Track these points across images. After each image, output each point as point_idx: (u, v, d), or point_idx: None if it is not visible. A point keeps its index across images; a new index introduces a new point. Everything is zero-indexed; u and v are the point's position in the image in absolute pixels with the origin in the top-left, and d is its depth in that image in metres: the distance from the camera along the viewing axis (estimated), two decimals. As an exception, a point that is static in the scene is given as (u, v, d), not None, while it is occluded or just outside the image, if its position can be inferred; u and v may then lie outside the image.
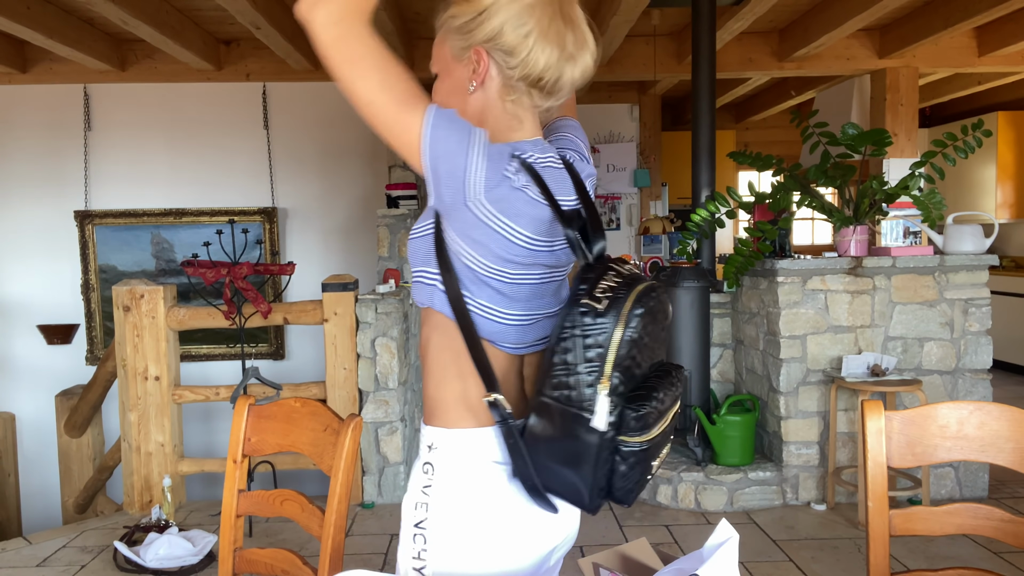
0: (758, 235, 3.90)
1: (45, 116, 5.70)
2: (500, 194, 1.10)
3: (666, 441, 1.15)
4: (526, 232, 1.12)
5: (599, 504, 1.13)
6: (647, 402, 1.07)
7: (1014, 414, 1.39)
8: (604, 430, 1.06)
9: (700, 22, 4.45)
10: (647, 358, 1.09)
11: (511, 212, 1.11)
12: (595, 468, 1.08)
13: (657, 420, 1.09)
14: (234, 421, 1.65)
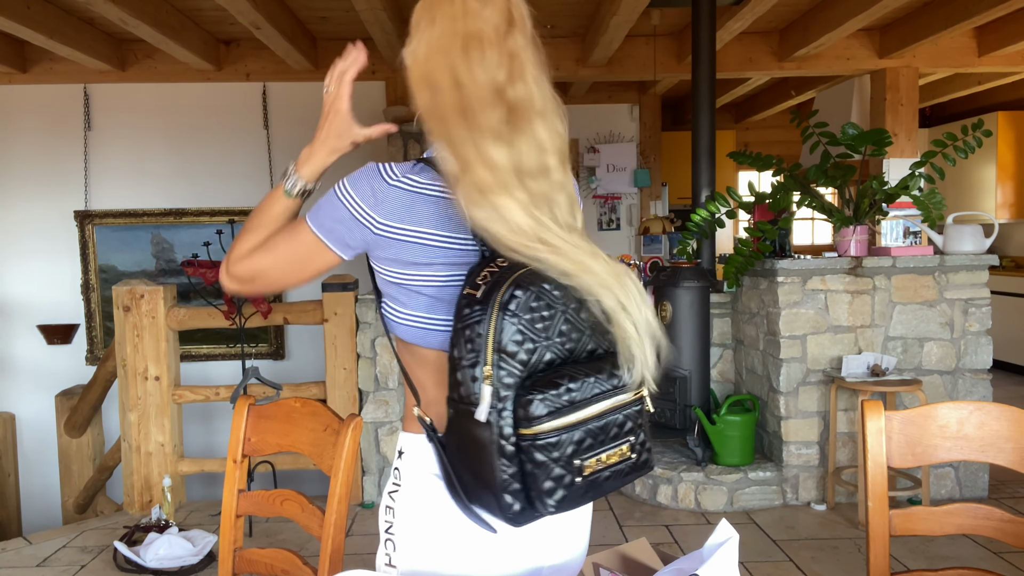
0: (758, 235, 3.90)
1: (45, 116, 5.70)
2: (393, 205, 1.14)
3: (604, 439, 1.06)
4: (434, 231, 1.14)
5: (520, 514, 1.04)
6: (545, 390, 1.01)
7: (1014, 414, 1.39)
8: (484, 420, 1.00)
9: (700, 22, 4.45)
10: (547, 344, 1.04)
11: (413, 218, 1.13)
12: (496, 468, 1.01)
13: (566, 412, 1.02)
14: (234, 421, 1.65)
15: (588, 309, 1.08)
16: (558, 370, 1.04)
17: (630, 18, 4.61)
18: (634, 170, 7.29)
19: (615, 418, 1.07)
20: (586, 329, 1.08)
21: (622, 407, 1.08)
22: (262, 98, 5.78)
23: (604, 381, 1.06)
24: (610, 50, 5.32)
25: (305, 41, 5.34)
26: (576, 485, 1.03)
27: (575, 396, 1.03)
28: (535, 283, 1.04)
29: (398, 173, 1.17)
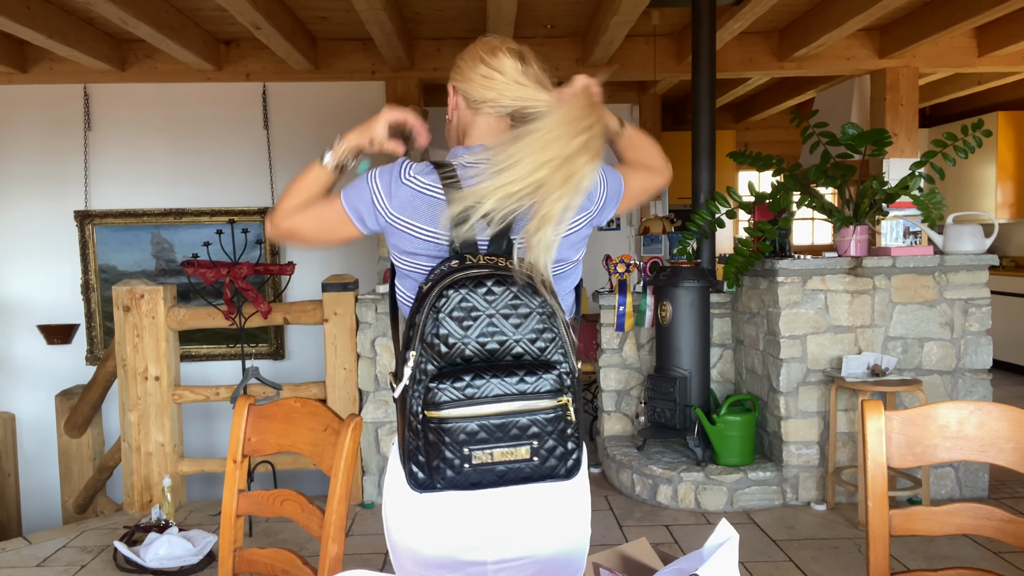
0: (758, 235, 3.90)
1: (45, 116, 5.70)
2: (402, 199, 1.31)
3: (500, 436, 1.16)
4: (427, 227, 1.30)
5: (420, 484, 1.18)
6: (449, 381, 1.14)
7: (1014, 414, 1.39)
8: (396, 398, 1.19)
9: (700, 22, 4.45)
10: (466, 343, 1.16)
11: (412, 212, 1.30)
12: (406, 439, 1.18)
13: (463, 404, 1.14)
14: (234, 421, 1.65)
15: (526, 314, 1.18)
16: (468, 367, 1.16)
17: (630, 18, 4.61)
18: (634, 170, 7.28)
19: (517, 420, 1.16)
20: (512, 335, 1.18)
21: (530, 412, 1.16)
22: (262, 98, 5.78)
23: (511, 385, 1.15)
24: (610, 50, 5.32)
25: (305, 41, 5.34)
26: (464, 471, 1.15)
27: (474, 392, 1.14)
28: (467, 287, 1.17)
29: (411, 174, 1.33)
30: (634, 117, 7.43)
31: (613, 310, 4.29)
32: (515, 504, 1.28)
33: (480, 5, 4.83)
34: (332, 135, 1.52)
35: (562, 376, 1.18)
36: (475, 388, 1.15)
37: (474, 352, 1.17)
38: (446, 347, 1.16)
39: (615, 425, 4.40)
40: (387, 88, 5.76)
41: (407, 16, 5.14)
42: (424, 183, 1.31)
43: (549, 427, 1.17)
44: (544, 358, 1.19)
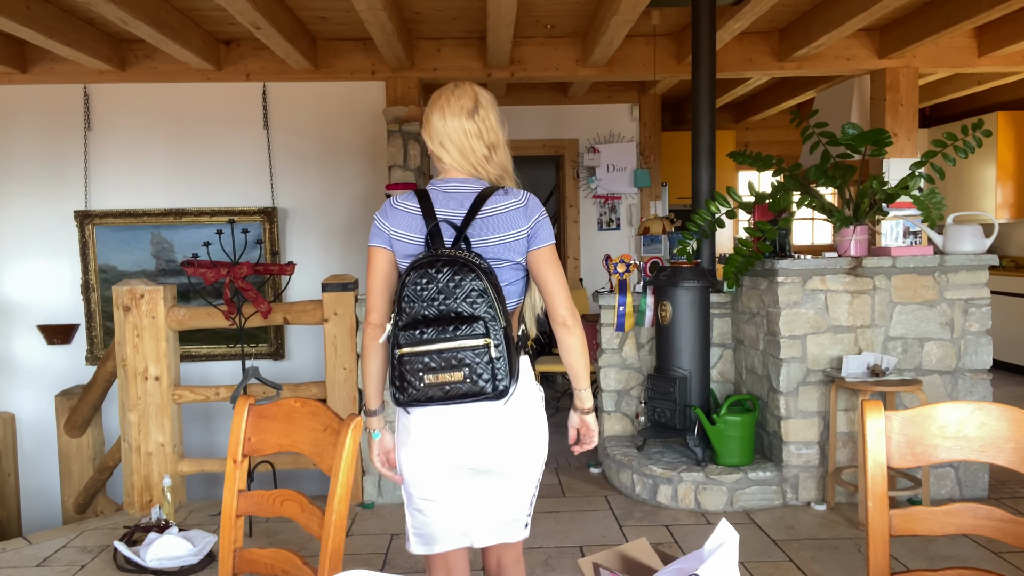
0: (758, 235, 3.90)
1: (45, 116, 5.70)
2: (394, 220, 1.88)
3: (443, 367, 1.71)
4: (411, 233, 1.85)
5: (399, 401, 1.76)
6: (408, 330, 1.72)
7: (1014, 414, 1.40)
8: (381, 343, 1.86)
9: (700, 22, 4.45)
10: (417, 304, 1.73)
11: (403, 225, 1.87)
12: (389, 367, 1.79)
13: (413, 342, 1.71)
14: (234, 421, 1.65)
15: (462, 286, 1.71)
16: (425, 320, 1.72)
17: (630, 18, 4.61)
18: (634, 170, 7.29)
19: (455, 354, 1.71)
20: (457, 298, 1.71)
21: (462, 349, 1.70)
22: (262, 98, 5.78)
23: (449, 332, 1.70)
24: (610, 50, 5.32)
25: (305, 41, 5.34)
26: (421, 388, 1.72)
27: (425, 337, 1.71)
28: (424, 268, 1.73)
29: (399, 200, 1.89)
30: (634, 117, 7.44)
31: (613, 310, 4.29)
32: (466, 418, 1.81)
33: (480, 5, 4.83)
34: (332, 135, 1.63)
35: (487, 325, 1.70)
36: (426, 334, 1.71)
37: (429, 312, 1.72)
38: (409, 308, 1.74)
39: (615, 425, 4.40)
40: (387, 88, 5.76)
41: (407, 16, 5.14)
42: (407, 204, 1.87)
43: (477, 359, 1.71)
44: (475, 314, 1.71)
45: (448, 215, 1.82)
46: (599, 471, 4.37)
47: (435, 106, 1.87)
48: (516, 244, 1.83)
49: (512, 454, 1.85)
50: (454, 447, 1.82)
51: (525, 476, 1.89)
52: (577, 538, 3.45)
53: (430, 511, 1.87)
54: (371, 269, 1.92)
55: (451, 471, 1.84)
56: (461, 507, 1.88)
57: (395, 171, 5.48)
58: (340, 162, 5.84)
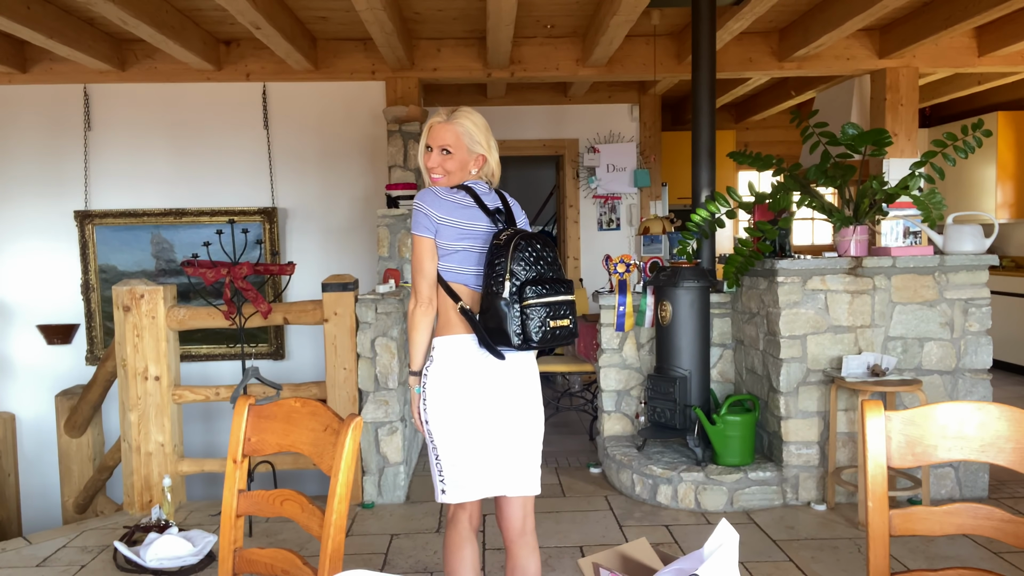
0: (758, 235, 3.90)
1: (45, 116, 5.70)
2: (444, 209, 2.19)
3: (557, 315, 2.17)
4: (459, 219, 2.20)
5: (521, 344, 2.13)
6: (533, 287, 2.13)
7: (1014, 414, 1.39)
8: (507, 297, 2.11)
9: (700, 22, 4.45)
10: (528, 270, 2.14)
11: (453, 213, 2.20)
12: (510, 320, 2.12)
13: (539, 296, 2.13)
14: (234, 421, 1.65)
15: (552, 256, 2.22)
16: (538, 281, 2.16)
17: (630, 18, 4.61)
18: (634, 170, 7.29)
19: (559, 307, 2.18)
20: (551, 264, 2.21)
21: (563, 303, 2.19)
22: (262, 98, 5.79)
23: (555, 288, 2.18)
24: (610, 50, 5.32)
25: (305, 41, 5.34)
26: (546, 331, 2.15)
27: (543, 292, 2.15)
28: (528, 240, 2.17)
29: (444, 192, 2.23)
30: (634, 117, 7.44)
31: (613, 310, 4.29)
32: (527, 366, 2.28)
33: (480, 5, 4.83)
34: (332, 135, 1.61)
35: (571, 287, 2.22)
36: (543, 291, 2.15)
37: (536, 273, 2.16)
38: (525, 272, 2.14)
39: (615, 425, 4.40)
40: (387, 88, 5.76)
41: (407, 16, 5.14)
42: (454, 196, 2.23)
43: (571, 311, 2.21)
44: (564, 278, 2.24)
45: (492, 204, 2.28)
46: (599, 471, 4.38)
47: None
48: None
49: (539, 402, 2.29)
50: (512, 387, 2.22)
51: (541, 426, 2.29)
52: (577, 538, 3.45)
53: (469, 459, 2.19)
54: (422, 256, 2.19)
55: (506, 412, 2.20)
56: (501, 456, 2.21)
57: (395, 171, 5.48)
58: (340, 162, 5.84)
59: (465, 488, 2.21)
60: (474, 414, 2.18)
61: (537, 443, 2.27)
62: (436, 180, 2.27)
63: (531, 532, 2.28)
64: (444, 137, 2.25)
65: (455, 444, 2.18)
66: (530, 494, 2.26)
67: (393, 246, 5.06)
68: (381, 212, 5.17)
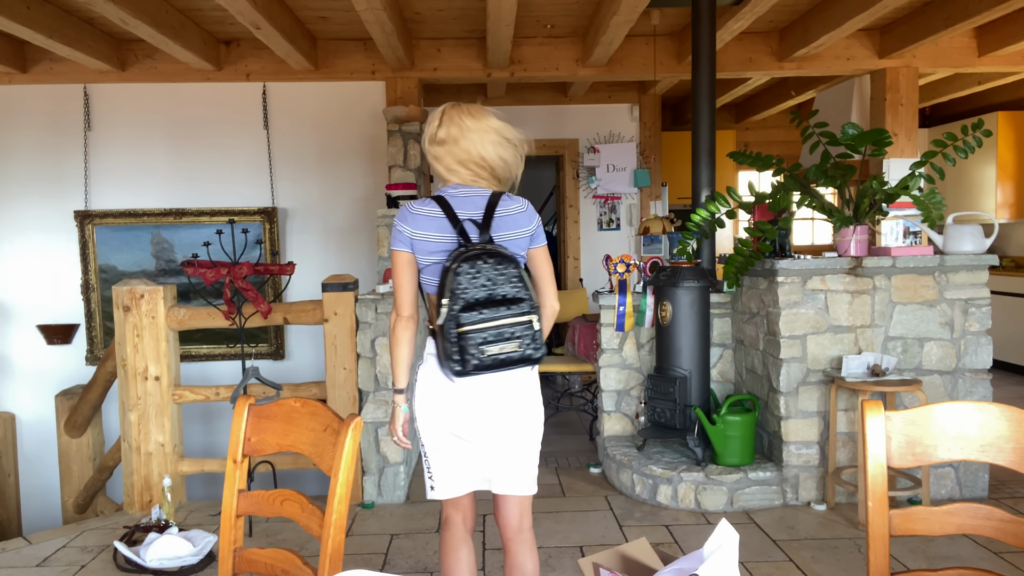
0: (758, 235, 3.90)
1: (45, 116, 5.70)
2: (416, 224, 2.11)
3: (500, 339, 2.02)
4: (431, 233, 2.10)
5: (459, 372, 2.03)
6: (469, 312, 2.00)
7: (1014, 414, 1.40)
8: (441, 323, 2.03)
9: (700, 22, 4.45)
10: (468, 292, 2.01)
11: (420, 228, 2.11)
12: (448, 346, 2.03)
13: (473, 323, 2.00)
14: (234, 421, 1.65)
15: (504, 274, 2.04)
16: (478, 304, 2.02)
17: (630, 18, 4.61)
18: (634, 170, 7.29)
19: (506, 330, 2.03)
20: (501, 284, 2.04)
21: (509, 325, 2.03)
22: (262, 98, 5.79)
23: (502, 310, 2.02)
24: (610, 50, 5.32)
25: (305, 41, 5.34)
26: (483, 359, 2.02)
27: (484, 316, 2.01)
28: (472, 259, 2.02)
29: (416, 206, 2.14)
30: (634, 117, 7.44)
31: (613, 310, 4.29)
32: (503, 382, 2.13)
33: (480, 5, 4.83)
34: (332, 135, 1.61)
35: (528, 305, 2.05)
36: (483, 315, 2.01)
37: (482, 294, 2.02)
38: (463, 293, 2.01)
39: (615, 425, 4.40)
40: (387, 88, 5.76)
41: (407, 16, 5.14)
42: (424, 209, 2.13)
43: (525, 332, 2.05)
44: (517, 296, 2.05)
45: (468, 215, 2.13)
46: (599, 471, 4.38)
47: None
48: (522, 241, 2.17)
49: (532, 412, 2.19)
50: (493, 405, 2.14)
51: (537, 433, 2.23)
52: (577, 538, 3.45)
53: (456, 458, 2.19)
54: (399, 271, 2.14)
55: (483, 425, 2.14)
56: (487, 456, 2.19)
57: (395, 171, 5.48)
58: (340, 162, 5.84)
59: (452, 484, 2.23)
60: (460, 415, 2.14)
61: (528, 445, 2.21)
62: None
63: (528, 530, 2.27)
64: None
65: (440, 443, 2.19)
66: (522, 494, 2.24)
67: (393, 246, 5.05)
68: (381, 212, 5.17)
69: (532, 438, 2.21)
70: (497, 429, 2.15)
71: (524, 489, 2.24)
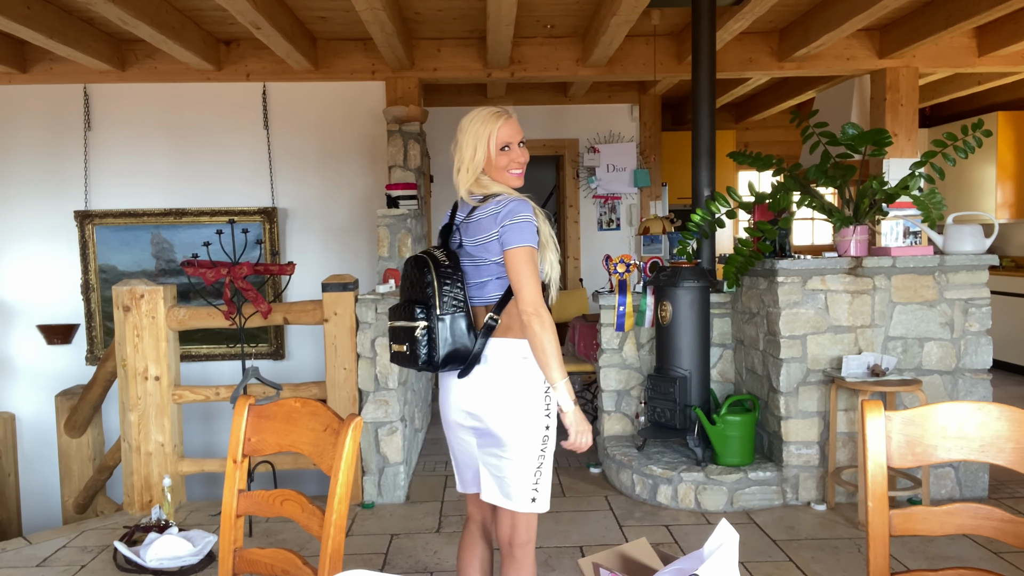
0: (758, 235, 3.90)
1: (45, 116, 5.70)
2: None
3: (396, 339, 2.16)
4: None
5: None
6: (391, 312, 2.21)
7: (1014, 414, 1.40)
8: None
9: (700, 22, 4.45)
10: (403, 294, 2.19)
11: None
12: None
13: (391, 318, 2.19)
14: (234, 421, 1.65)
15: (424, 280, 2.10)
16: (396, 305, 2.19)
17: (630, 18, 4.61)
18: (634, 170, 7.29)
19: (398, 331, 2.15)
20: (414, 288, 2.13)
21: (399, 329, 2.14)
22: (262, 98, 5.78)
23: (398, 313, 2.16)
24: (610, 50, 5.32)
25: (305, 41, 5.34)
26: (391, 353, 2.20)
27: (392, 316, 2.19)
28: (408, 263, 2.18)
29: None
30: (634, 117, 7.44)
31: (613, 310, 4.29)
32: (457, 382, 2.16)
33: (480, 5, 4.83)
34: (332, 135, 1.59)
35: (428, 311, 2.07)
36: (394, 314, 2.18)
37: (400, 298, 2.20)
38: (401, 298, 2.21)
39: (615, 425, 4.40)
40: (387, 88, 5.76)
41: (407, 16, 5.14)
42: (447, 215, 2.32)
43: (418, 336, 2.08)
44: (420, 301, 2.10)
45: (458, 220, 2.21)
46: (599, 471, 4.37)
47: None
48: (490, 245, 2.08)
49: (498, 417, 2.10)
50: (452, 402, 2.19)
51: (512, 446, 2.09)
52: (577, 538, 3.45)
53: (456, 453, 2.26)
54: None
55: (455, 423, 2.20)
56: (470, 457, 2.21)
57: (395, 171, 5.48)
58: (340, 162, 5.84)
59: (460, 479, 2.30)
60: (444, 409, 2.23)
61: (500, 454, 2.10)
62: (518, 176, 2.15)
63: (520, 548, 2.15)
64: (520, 130, 2.19)
65: (447, 436, 2.28)
66: (504, 507, 2.13)
67: (393, 246, 5.05)
68: (381, 212, 5.17)
69: (505, 448, 2.10)
70: (464, 430, 2.18)
71: (505, 502, 2.12)
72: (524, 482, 2.10)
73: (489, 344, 2.11)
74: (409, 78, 5.76)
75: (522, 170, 2.18)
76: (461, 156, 2.16)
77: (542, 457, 2.11)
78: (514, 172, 2.15)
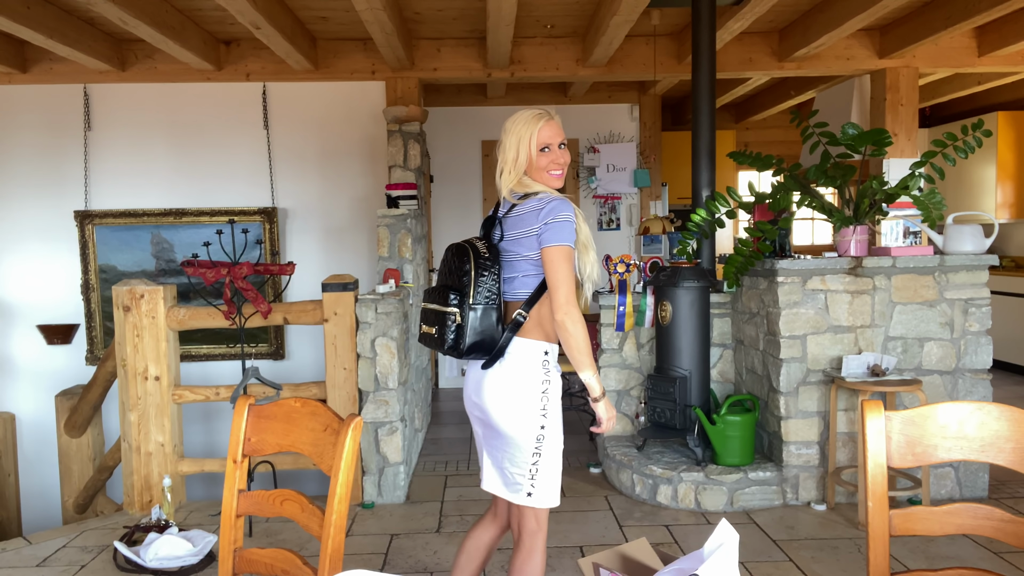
0: (758, 235, 3.90)
1: (45, 116, 5.70)
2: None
3: (426, 321, 2.22)
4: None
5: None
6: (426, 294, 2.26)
7: (1014, 414, 1.40)
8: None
9: (700, 22, 4.45)
10: (440, 279, 2.24)
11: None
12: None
13: (425, 299, 2.25)
14: (234, 421, 1.65)
15: (462, 268, 2.14)
16: (432, 288, 2.24)
17: (630, 18, 4.61)
18: (634, 170, 7.29)
19: (427, 314, 2.22)
20: (451, 274, 2.18)
21: (430, 312, 2.20)
22: (262, 98, 5.78)
23: (433, 296, 2.21)
24: (610, 50, 5.32)
25: (305, 41, 5.34)
26: (420, 334, 2.25)
27: (426, 298, 2.24)
28: (449, 251, 2.22)
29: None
30: (634, 117, 7.44)
31: (613, 310, 4.29)
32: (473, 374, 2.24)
33: (480, 5, 4.83)
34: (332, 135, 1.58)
35: (457, 298, 2.12)
36: (429, 296, 2.23)
37: (437, 283, 2.25)
38: (438, 282, 2.26)
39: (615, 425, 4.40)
40: (387, 88, 5.76)
41: (407, 16, 5.14)
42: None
43: (447, 322, 2.13)
44: (455, 287, 2.14)
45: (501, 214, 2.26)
46: (599, 471, 4.37)
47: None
48: (528, 240, 2.12)
49: (497, 411, 2.16)
50: (466, 392, 2.29)
51: (514, 439, 2.14)
52: (577, 538, 3.45)
53: (478, 439, 2.31)
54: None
55: (469, 412, 2.30)
56: (481, 447, 2.29)
57: (395, 171, 5.48)
58: (340, 162, 5.84)
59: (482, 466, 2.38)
60: (465, 403, 2.31)
61: (502, 446, 2.18)
62: (558, 176, 2.19)
63: (527, 537, 2.21)
64: (561, 132, 2.25)
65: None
66: (505, 497, 2.21)
67: (393, 246, 5.05)
68: (381, 212, 5.17)
69: (501, 440, 2.17)
70: (475, 419, 2.28)
71: (503, 492, 2.20)
72: (519, 476, 2.16)
73: (512, 341, 2.16)
74: (409, 78, 5.76)
75: (563, 171, 2.20)
76: (504, 158, 2.20)
77: (538, 454, 2.14)
78: (554, 173, 2.18)
